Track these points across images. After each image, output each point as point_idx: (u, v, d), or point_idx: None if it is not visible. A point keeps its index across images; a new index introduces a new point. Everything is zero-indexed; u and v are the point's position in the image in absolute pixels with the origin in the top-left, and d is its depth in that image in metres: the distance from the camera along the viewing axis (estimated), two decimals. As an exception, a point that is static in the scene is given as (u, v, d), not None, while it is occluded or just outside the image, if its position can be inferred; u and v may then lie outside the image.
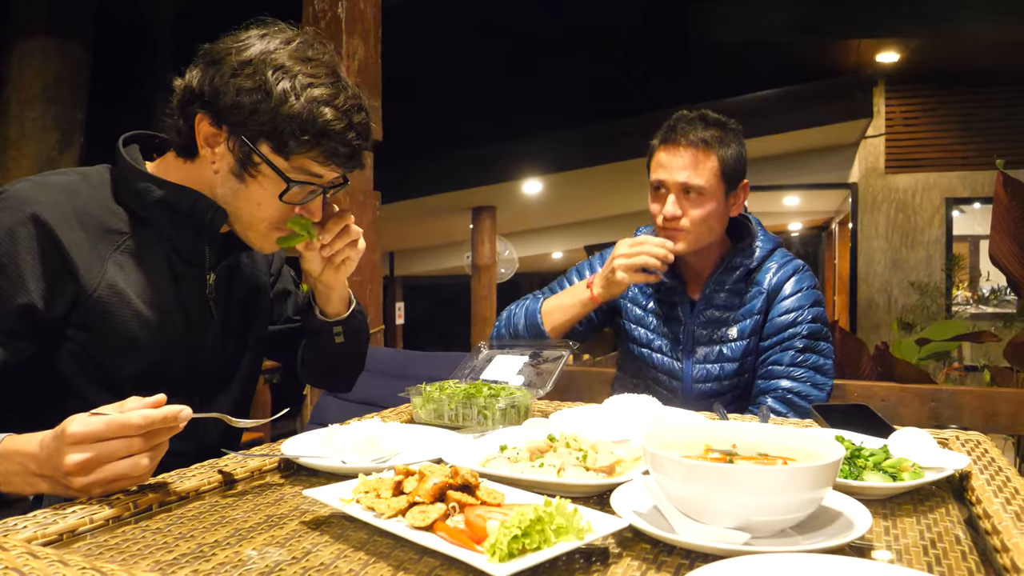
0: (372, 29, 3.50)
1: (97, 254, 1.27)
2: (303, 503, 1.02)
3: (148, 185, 1.31)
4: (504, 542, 0.74)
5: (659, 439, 0.93)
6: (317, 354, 1.61)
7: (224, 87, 1.23)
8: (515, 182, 10.03)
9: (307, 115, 1.22)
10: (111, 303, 1.27)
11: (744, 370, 2.01)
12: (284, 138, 1.23)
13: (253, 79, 1.22)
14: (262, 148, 1.25)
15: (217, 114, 1.25)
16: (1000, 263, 3.27)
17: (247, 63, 1.23)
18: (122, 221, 1.32)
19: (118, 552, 0.84)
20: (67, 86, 5.52)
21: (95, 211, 1.29)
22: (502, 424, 1.45)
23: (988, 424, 2.24)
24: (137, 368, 1.30)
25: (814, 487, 0.80)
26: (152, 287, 1.32)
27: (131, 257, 1.31)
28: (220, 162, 1.29)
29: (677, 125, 1.94)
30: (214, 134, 1.27)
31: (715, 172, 1.91)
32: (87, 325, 1.26)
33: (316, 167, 1.28)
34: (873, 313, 8.39)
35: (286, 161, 1.26)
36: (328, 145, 1.25)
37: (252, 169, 1.27)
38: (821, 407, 1.44)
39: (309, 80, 1.23)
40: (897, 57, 7.78)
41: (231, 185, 1.30)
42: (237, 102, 1.22)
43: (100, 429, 0.94)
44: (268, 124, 1.22)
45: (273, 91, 1.21)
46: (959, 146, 8.19)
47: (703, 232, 1.94)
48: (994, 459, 1.16)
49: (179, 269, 1.36)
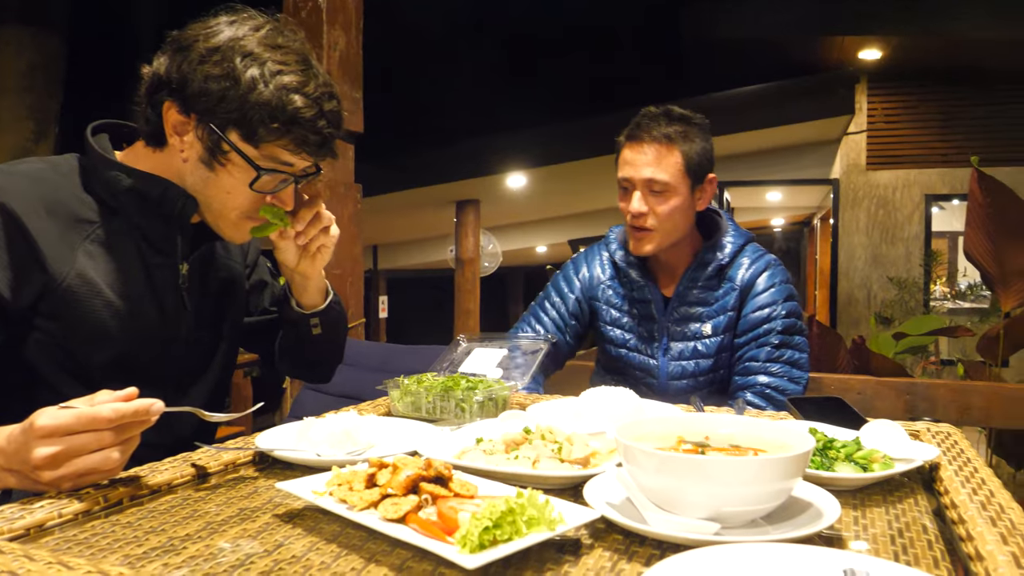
0: (354, 20, 3.48)
1: (67, 243, 1.26)
2: (276, 496, 1.01)
3: (117, 174, 1.29)
4: (475, 533, 0.75)
5: (633, 431, 0.94)
6: (294, 346, 1.60)
7: (192, 74, 1.21)
8: (499, 176, 10.02)
9: (276, 102, 1.20)
10: (81, 293, 1.25)
11: (719, 366, 2.02)
12: (253, 126, 1.21)
13: (221, 66, 1.20)
14: (231, 136, 1.23)
15: (185, 102, 1.23)
16: (975, 259, 3.31)
17: (215, 50, 1.21)
18: (92, 210, 1.30)
19: (86, 546, 0.83)
20: (42, 75, 5.46)
21: (64, 200, 1.28)
22: (480, 417, 1.45)
23: (962, 417, 2.27)
24: (108, 358, 1.29)
25: (784, 478, 0.81)
26: (123, 277, 1.31)
27: (101, 246, 1.29)
28: (189, 151, 1.28)
29: (641, 122, 1.95)
30: (182, 122, 1.25)
31: (679, 167, 1.92)
32: (56, 315, 1.25)
33: (287, 155, 1.26)
34: (853, 308, 8.47)
35: (256, 149, 1.24)
36: (298, 133, 1.23)
37: (221, 157, 1.26)
38: (796, 399, 1.45)
39: (279, 67, 1.22)
40: (879, 55, 7.83)
41: (200, 174, 1.29)
42: (205, 89, 1.21)
43: (69, 422, 0.93)
44: (237, 112, 1.21)
45: (241, 78, 1.20)
46: (939, 143, 8.26)
47: (670, 228, 1.96)
48: (963, 450, 1.18)
49: (150, 259, 1.35)
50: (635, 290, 2.08)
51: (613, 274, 2.13)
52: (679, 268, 2.05)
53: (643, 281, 2.04)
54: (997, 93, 7.99)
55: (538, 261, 17.90)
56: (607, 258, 2.16)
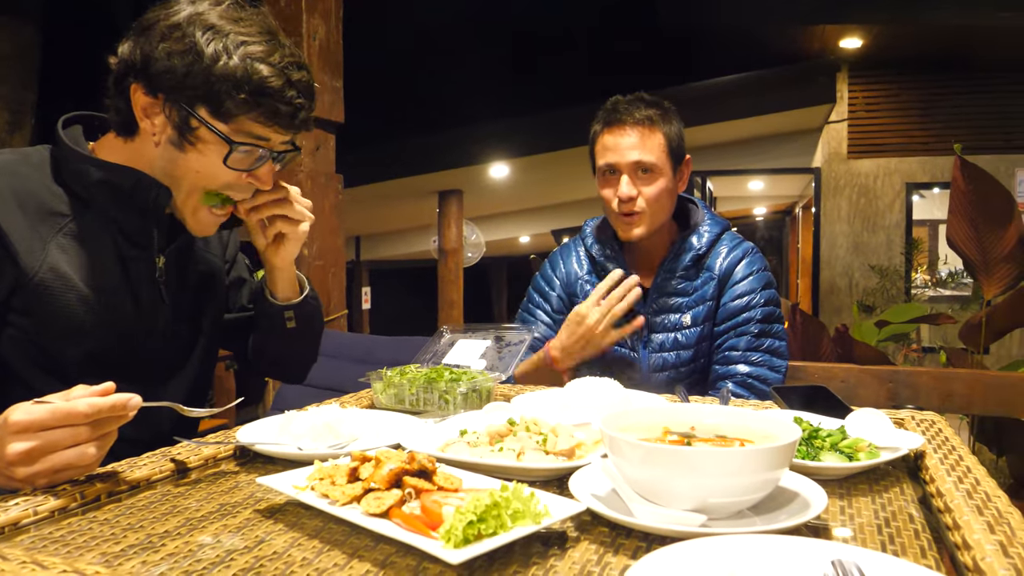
0: (333, 8, 3.44)
1: (38, 236, 1.23)
2: (257, 491, 1.00)
3: (87, 167, 1.27)
4: (459, 528, 0.73)
5: (618, 422, 0.93)
6: (269, 340, 1.58)
7: (154, 52, 1.19)
8: (482, 166, 10.00)
9: (242, 73, 1.18)
10: (54, 287, 1.23)
11: (700, 355, 2.02)
12: (221, 99, 1.19)
13: (183, 42, 1.18)
14: (200, 112, 1.21)
15: (150, 82, 1.20)
16: (957, 246, 3.33)
17: (175, 26, 1.19)
18: (64, 203, 1.28)
19: (62, 544, 0.81)
20: (16, 66, 5.37)
21: (35, 192, 1.25)
22: (463, 408, 1.44)
23: (944, 404, 2.28)
24: (82, 353, 1.27)
25: (770, 468, 0.80)
26: (98, 270, 1.29)
27: (74, 240, 1.27)
28: (160, 133, 1.25)
29: (618, 106, 1.96)
30: (150, 103, 1.23)
31: (663, 148, 1.93)
32: (29, 310, 1.22)
33: (259, 129, 1.24)
34: (835, 296, 8.52)
35: (226, 125, 1.22)
36: (268, 104, 1.21)
37: (191, 136, 1.23)
38: (781, 389, 1.45)
39: (242, 39, 1.20)
40: (860, 43, 7.86)
41: (171, 155, 1.26)
42: (169, 67, 1.18)
43: (44, 418, 0.91)
44: (203, 86, 1.18)
45: (204, 51, 1.17)
46: (919, 132, 8.31)
47: (658, 210, 1.96)
48: (948, 439, 1.18)
49: (126, 252, 1.33)
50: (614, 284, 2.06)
51: (591, 268, 2.12)
52: (656, 258, 2.04)
53: (623, 272, 2.03)
54: (977, 81, 8.05)
55: (521, 251, 17.89)
56: (583, 253, 2.15)
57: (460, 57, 11.75)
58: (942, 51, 7.73)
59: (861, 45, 7.89)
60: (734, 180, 10.65)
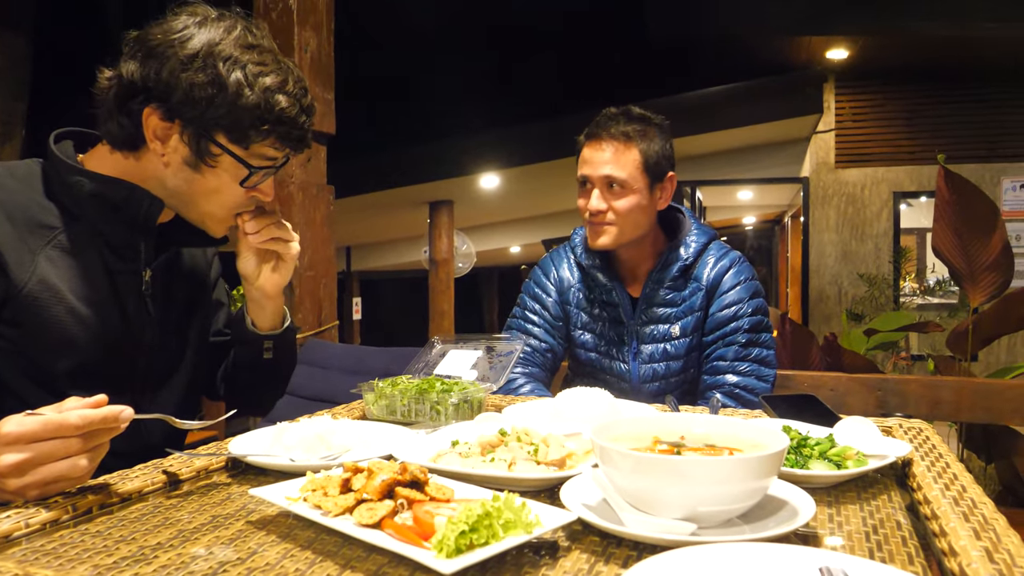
0: (324, 21, 3.45)
1: (27, 249, 1.24)
2: (249, 503, 1.00)
3: (80, 179, 1.28)
4: (451, 538, 0.74)
5: (608, 432, 0.94)
6: (240, 370, 1.58)
7: (175, 82, 1.22)
8: (472, 176, 10.01)
9: (264, 105, 1.24)
10: (43, 299, 1.24)
11: (689, 366, 2.03)
12: (244, 129, 1.25)
13: (204, 73, 1.22)
14: (219, 139, 1.26)
15: (170, 109, 1.24)
16: (942, 255, 3.36)
17: (194, 56, 1.22)
18: (53, 216, 1.29)
19: (55, 557, 0.81)
20: (7, 78, 5.36)
21: (24, 205, 1.26)
22: (455, 419, 1.44)
23: (932, 412, 2.30)
24: (71, 365, 1.27)
25: (759, 477, 0.81)
26: (86, 283, 1.29)
27: (63, 252, 1.28)
28: (172, 155, 1.28)
29: (600, 120, 1.97)
30: (166, 128, 1.26)
31: (637, 165, 1.93)
32: (18, 322, 1.23)
33: (272, 152, 1.31)
34: (824, 305, 8.56)
35: (244, 150, 1.28)
36: (282, 131, 1.28)
37: (209, 159, 1.28)
38: (769, 398, 1.46)
39: (259, 68, 1.25)
40: (846, 54, 7.92)
41: (185, 175, 1.30)
42: (192, 97, 1.22)
43: (36, 429, 0.91)
44: (225, 117, 1.24)
45: (227, 85, 1.22)
46: (906, 141, 8.38)
47: (628, 225, 1.96)
48: (935, 446, 1.19)
49: (113, 265, 1.34)
50: (603, 293, 2.07)
51: (580, 277, 2.13)
52: (643, 269, 2.05)
53: (610, 284, 2.04)
54: (962, 91, 8.12)
55: (512, 261, 17.91)
56: (573, 261, 2.15)
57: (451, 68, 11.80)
58: (927, 61, 7.80)
59: (847, 56, 7.96)
60: (723, 190, 10.70)
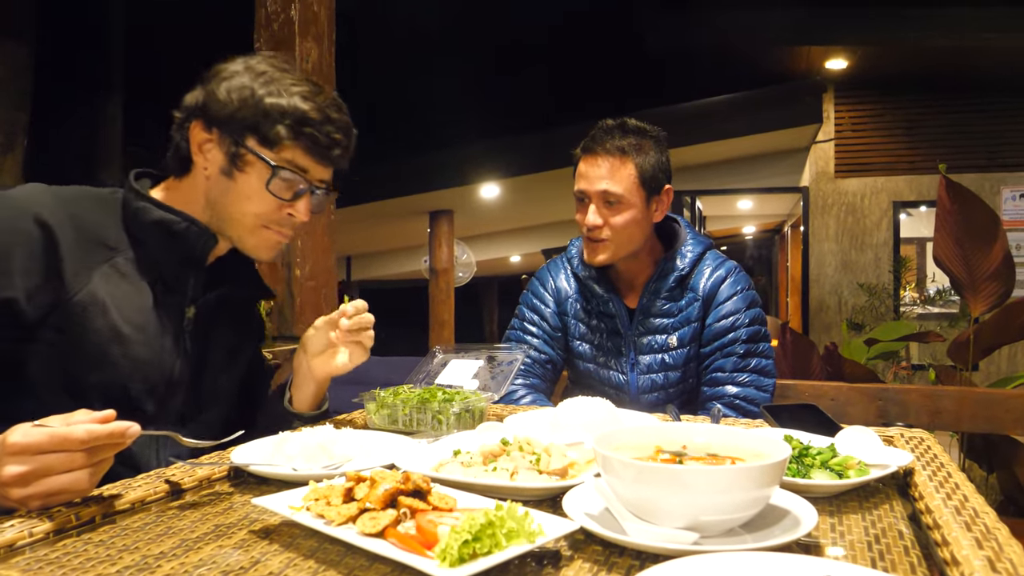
0: (326, 32, 3.46)
1: (86, 262, 1.30)
2: (252, 512, 1.00)
3: (146, 205, 1.37)
4: (455, 547, 0.74)
5: (610, 441, 0.94)
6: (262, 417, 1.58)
7: (213, 92, 1.35)
8: (473, 186, 10.03)
9: (289, 107, 1.33)
10: (89, 311, 1.29)
11: (688, 376, 2.02)
12: (267, 127, 1.33)
13: (239, 80, 1.35)
14: (249, 142, 1.34)
15: (208, 119, 1.35)
16: (943, 264, 3.36)
17: (234, 73, 1.36)
18: (118, 239, 1.36)
19: (58, 566, 0.81)
20: (9, 88, 5.37)
21: (95, 223, 1.34)
22: (456, 429, 1.44)
23: (933, 421, 2.30)
24: (103, 382, 1.30)
25: (761, 486, 0.81)
26: (132, 306, 1.35)
27: (118, 273, 1.34)
28: (211, 166, 1.38)
29: (596, 135, 1.96)
30: (206, 139, 1.36)
31: (633, 179, 1.92)
32: (62, 328, 1.27)
33: (299, 158, 1.36)
34: (824, 314, 8.56)
35: (272, 152, 1.35)
36: (308, 135, 1.35)
37: (240, 162, 1.35)
38: (771, 407, 1.46)
39: (291, 82, 1.36)
40: (845, 64, 7.95)
41: (221, 185, 1.38)
42: (226, 101, 1.34)
43: (41, 441, 0.92)
44: (252, 117, 1.33)
45: (257, 89, 1.34)
46: (906, 151, 8.40)
47: (625, 239, 1.95)
48: (936, 455, 1.19)
49: (161, 296, 1.39)
50: (600, 304, 2.07)
51: (578, 288, 2.12)
52: (640, 279, 2.04)
53: (607, 295, 2.04)
54: (961, 101, 8.14)
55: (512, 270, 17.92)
56: (570, 271, 2.15)
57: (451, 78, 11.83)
58: (926, 71, 7.83)
59: (847, 66, 7.99)
60: (723, 199, 10.71)
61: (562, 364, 2.19)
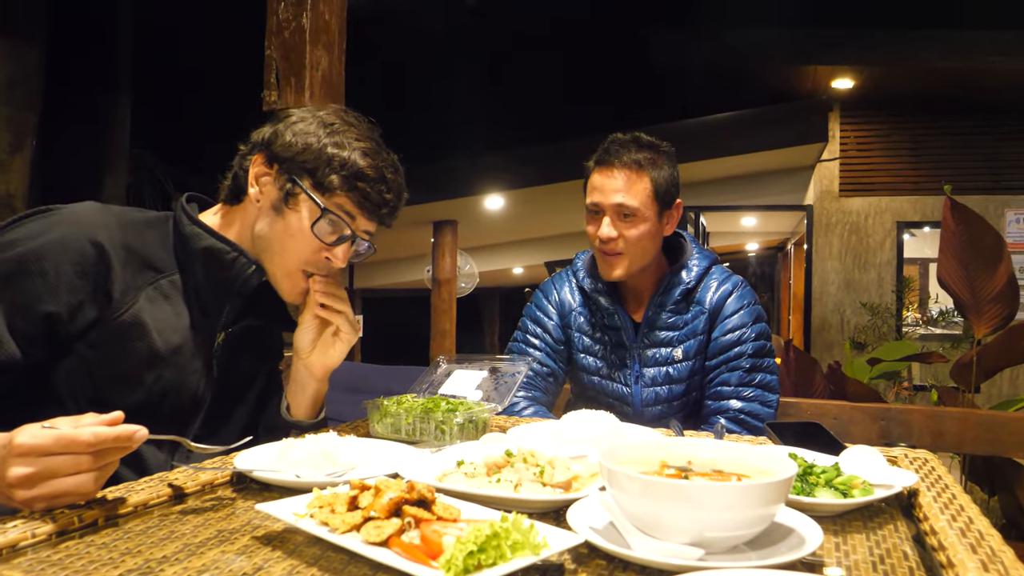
0: (336, 40, 3.48)
1: (134, 283, 1.34)
2: (255, 518, 1.00)
3: (198, 231, 1.41)
4: (460, 558, 0.74)
5: (616, 455, 0.94)
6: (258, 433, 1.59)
7: (281, 131, 1.41)
8: (477, 197, 10.04)
9: (348, 160, 1.38)
10: (131, 333, 1.32)
11: (691, 389, 2.02)
12: (324, 174, 1.38)
13: (306, 126, 1.41)
14: (304, 183, 1.39)
15: (272, 155, 1.41)
16: (947, 286, 3.36)
17: (303, 119, 1.43)
18: (166, 262, 1.41)
19: (60, 568, 0.81)
20: (19, 88, 5.39)
21: (145, 244, 1.38)
22: (460, 439, 1.44)
23: (936, 442, 2.29)
24: (130, 401, 1.31)
25: (767, 503, 0.81)
26: (171, 328, 1.38)
27: (162, 295, 1.38)
28: (264, 198, 1.42)
29: (611, 147, 1.96)
30: (265, 172, 1.42)
31: (648, 193, 1.92)
32: (100, 344, 1.30)
33: (348, 206, 1.40)
34: (826, 332, 8.55)
35: (323, 197, 1.39)
36: (361, 189, 1.40)
37: (291, 201, 1.40)
38: (774, 425, 1.46)
39: (355, 136, 1.42)
40: (852, 84, 7.97)
41: (269, 218, 1.42)
42: (291, 143, 1.40)
43: (47, 443, 0.92)
44: (312, 162, 1.38)
45: (322, 138, 1.39)
46: (910, 171, 8.41)
47: (639, 253, 1.96)
48: (941, 477, 1.19)
49: (197, 320, 1.42)
50: (605, 317, 2.07)
51: (582, 301, 2.13)
52: (646, 293, 2.05)
53: (612, 307, 2.04)
54: (967, 123, 8.17)
55: (514, 282, 17.90)
56: (575, 284, 2.15)
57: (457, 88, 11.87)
58: (932, 92, 7.85)
59: (853, 86, 8.01)
60: (727, 216, 10.72)
61: (564, 377, 2.19)
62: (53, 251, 1.27)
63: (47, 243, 1.27)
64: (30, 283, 1.25)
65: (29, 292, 1.25)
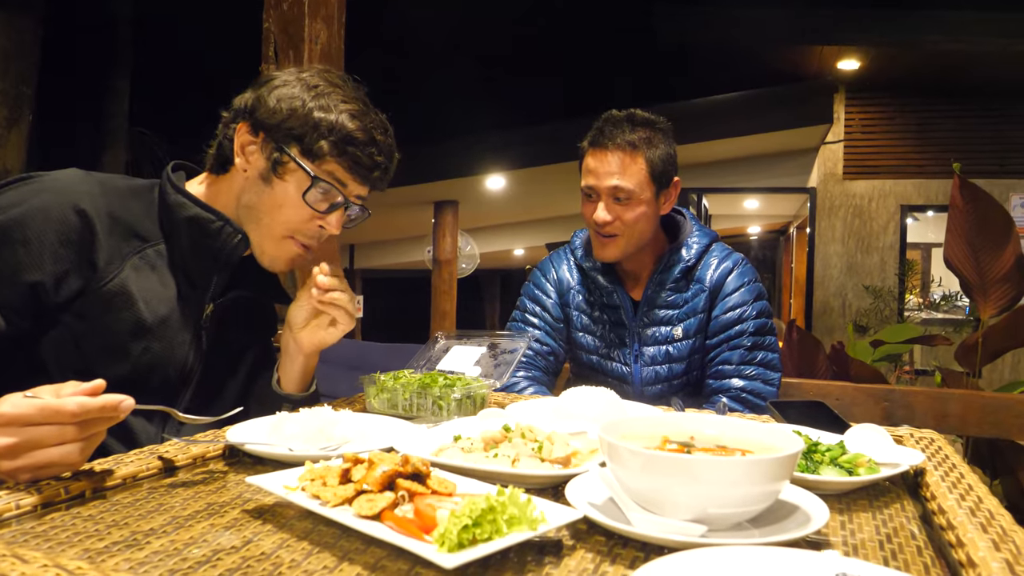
0: (336, 13, 3.43)
1: (119, 253, 1.31)
2: (246, 491, 0.98)
3: (183, 200, 1.37)
4: (454, 532, 0.72)
5: (617, 430, 0.91)
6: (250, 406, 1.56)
7: (265, 97, 1.36)
8: (478, 177, 9.99)
9: (336, 123, 1.34)
10: (116, 302, 1.29)
11: (691, 368, 2.00)
12: (313, 140, 1.34)
13: (290, 89, 1.36)
14: (292, 150, 1.35)
15: (256, 122, 1.36)
16: (954, 266, 3.32)
17: (287, 82, 1.37)
18: (151, 231, 1.37)
19: (44, 539, 0.79)
20: (16, 60, 5.34)
21: (130, 214, 1.35)
22: (457, 415, 1.42)
23: (939, 425, 2.27)
24: (117, 372, 1.29)
25: (772, 480, 0.79)
26: (158, 298, 1.35)
27: (148, 265, 1.35)
28: (251, 167, 1.38)
29: (605, 127, 1.91)
30: (251, 141, 1.37)
31: (644, 174, 1.88)
32: (85, 314, 1.27)
33: (339, 173, 1.37)
34: (828, 316, 8.53)
35: (313, 164, 1.35)
36: (350, 153, 1.35)
37: (280, 169, 1.36)
38: (778, 403, 1.44)
39: (341, 98, 1.37)
40: (857, 65, 7.90)
41: (257, 188, 1.38)
42: (276, 109, 1.35)
43: (31, 413, 0.90)
44: (299, 128, 1.34)
45: (307, 101, 1.34)
46: (915, 155, 8.35)
47: (635, 235, 1.93)
48: (948, 456, 1.17)
49: (184, 290, 1.39)
50: (604, 295, 2.04)
51: (581, 279, 2.10)
52: (645, 271, 2.02)
53: (611, 286, 2.01)
54: (972, 106, 8.10)
55: (515, 264, 17.89)
56: (573, 263, 2.12)
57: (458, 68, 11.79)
58: (938, 75, 7.78)
59: (859, 67, 7.94)
60: (729, 198, 10.67)
61: (564, 356, 2.17)
62: (35, 219, 1.24)
63: (29, 211, 1.24)
64: (13, 252, 1.22)
65: (12, 261, 1.22)
